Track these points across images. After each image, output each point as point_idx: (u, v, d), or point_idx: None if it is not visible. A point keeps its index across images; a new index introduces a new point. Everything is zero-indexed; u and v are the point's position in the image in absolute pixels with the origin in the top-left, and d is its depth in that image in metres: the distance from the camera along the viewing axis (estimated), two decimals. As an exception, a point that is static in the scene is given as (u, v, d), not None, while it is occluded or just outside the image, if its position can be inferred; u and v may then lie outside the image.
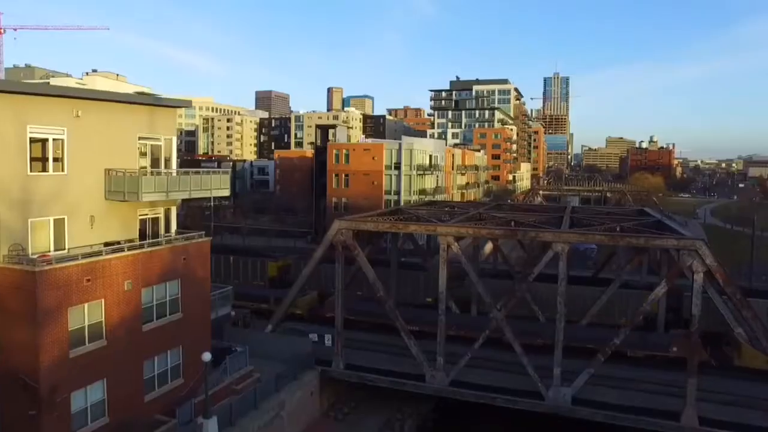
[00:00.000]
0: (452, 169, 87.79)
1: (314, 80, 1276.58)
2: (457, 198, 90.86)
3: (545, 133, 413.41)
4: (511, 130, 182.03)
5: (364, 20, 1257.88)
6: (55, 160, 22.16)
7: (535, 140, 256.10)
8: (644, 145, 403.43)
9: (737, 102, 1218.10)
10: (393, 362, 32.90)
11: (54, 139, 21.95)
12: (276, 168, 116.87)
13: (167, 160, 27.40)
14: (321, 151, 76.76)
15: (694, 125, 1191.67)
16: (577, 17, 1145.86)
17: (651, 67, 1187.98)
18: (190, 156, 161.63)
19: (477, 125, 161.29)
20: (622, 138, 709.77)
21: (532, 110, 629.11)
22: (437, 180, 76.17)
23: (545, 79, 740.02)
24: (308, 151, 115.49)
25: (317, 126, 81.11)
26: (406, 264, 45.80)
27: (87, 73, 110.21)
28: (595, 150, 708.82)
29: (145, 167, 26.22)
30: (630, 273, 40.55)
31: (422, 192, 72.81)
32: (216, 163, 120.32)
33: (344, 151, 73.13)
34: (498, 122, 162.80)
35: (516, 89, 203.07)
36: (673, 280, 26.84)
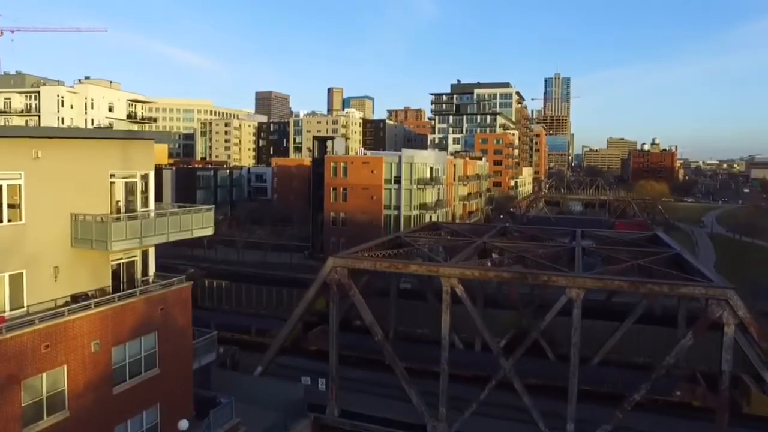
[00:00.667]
0: (454, 180, 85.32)
1: (314, 80, 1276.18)
2: (458, 210, 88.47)
3: (546, 134, 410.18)
4: (513, 134, 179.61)
5: (365, 21, 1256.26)
6: (11, 207, 19.73)
7: (536, 143, 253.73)
8: (646, 147, 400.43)
9: (737, 102, 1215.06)
10: (391, 407, 30.47)
11: (9, 185, 19.52)
12: (274, 176, 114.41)
13: (144, 198, 25.01)
14: (318, 163, 74.31)
15: (694, 125, 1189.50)
16: (575, 17, 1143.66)
17: (650, 67, 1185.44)
18: (188, 160, 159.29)
19: (479, 130, 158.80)
20: (623, 139, 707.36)
21: (532, 111, 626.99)
22: (438, 193, 73.68)
23: (546, 80, 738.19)
24: (306, 160, 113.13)
25: (314, 138, 78.58)
26: (406, 292, 43.37)
27: (80, 81, 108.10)
28: (596, 151, 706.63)
29: (119, 202, 23.83)
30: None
31: (423, 206, 70.37)
32: (212, 171, 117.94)
33: (342, 164, 70.57)
34: (500, 127, 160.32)
35: (518, 93, 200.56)
36: (700, 334, 24.36)
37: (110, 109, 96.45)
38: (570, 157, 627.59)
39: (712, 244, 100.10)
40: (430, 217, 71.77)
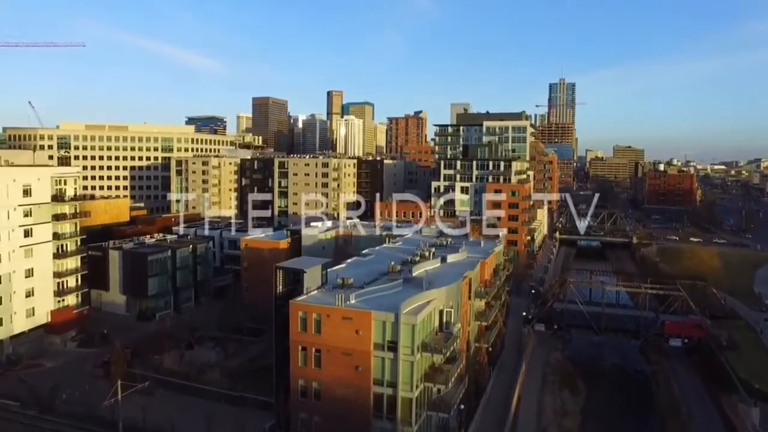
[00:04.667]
0: (469, 298, 64.57)
1: (314, 83, 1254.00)
2: (473, 332, 67.36)
3: (552, 143, 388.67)
4: (528, 176, 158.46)
5: (366, 23, 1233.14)
6: None
7: (549, 171, 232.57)
8: (661, 166, 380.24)
9: (738, 101, 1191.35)
10: None
11: None
12: (243, 260, 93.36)
13: None
14: (284, 301, 53.27)
15: (695, 123, 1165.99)
16: (575, 17, 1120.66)
17: (651, 66, 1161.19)
18: (153, 218, 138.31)
19: (490, 179, 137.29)
20: (630, 147, 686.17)
21: (536, 115, 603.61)
22: (452, 347, 52.65)
23: (551, 86, 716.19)
24: (282, 242, 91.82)
25: (276, 266, 56.95)
26: None
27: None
28: (603, 159, 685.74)
29: None
30: None
31: (429, 376, 49.37)
32: (169, 251, 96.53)
33: (314, 315, 49.41)
34: (515, 174, 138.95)
35: (532, 125, 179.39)
36: None
37: (27, 193, 75.03)
38: (574, 164, 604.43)
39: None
40: (439, 390, 50.73)
